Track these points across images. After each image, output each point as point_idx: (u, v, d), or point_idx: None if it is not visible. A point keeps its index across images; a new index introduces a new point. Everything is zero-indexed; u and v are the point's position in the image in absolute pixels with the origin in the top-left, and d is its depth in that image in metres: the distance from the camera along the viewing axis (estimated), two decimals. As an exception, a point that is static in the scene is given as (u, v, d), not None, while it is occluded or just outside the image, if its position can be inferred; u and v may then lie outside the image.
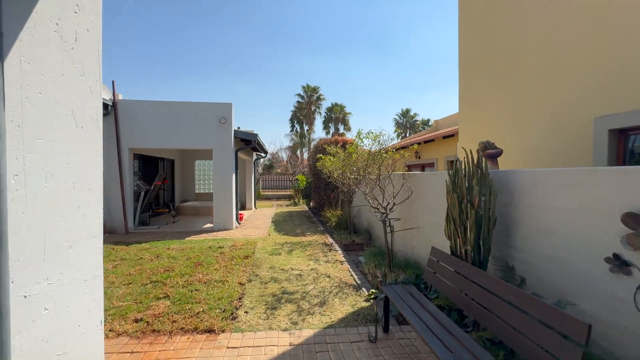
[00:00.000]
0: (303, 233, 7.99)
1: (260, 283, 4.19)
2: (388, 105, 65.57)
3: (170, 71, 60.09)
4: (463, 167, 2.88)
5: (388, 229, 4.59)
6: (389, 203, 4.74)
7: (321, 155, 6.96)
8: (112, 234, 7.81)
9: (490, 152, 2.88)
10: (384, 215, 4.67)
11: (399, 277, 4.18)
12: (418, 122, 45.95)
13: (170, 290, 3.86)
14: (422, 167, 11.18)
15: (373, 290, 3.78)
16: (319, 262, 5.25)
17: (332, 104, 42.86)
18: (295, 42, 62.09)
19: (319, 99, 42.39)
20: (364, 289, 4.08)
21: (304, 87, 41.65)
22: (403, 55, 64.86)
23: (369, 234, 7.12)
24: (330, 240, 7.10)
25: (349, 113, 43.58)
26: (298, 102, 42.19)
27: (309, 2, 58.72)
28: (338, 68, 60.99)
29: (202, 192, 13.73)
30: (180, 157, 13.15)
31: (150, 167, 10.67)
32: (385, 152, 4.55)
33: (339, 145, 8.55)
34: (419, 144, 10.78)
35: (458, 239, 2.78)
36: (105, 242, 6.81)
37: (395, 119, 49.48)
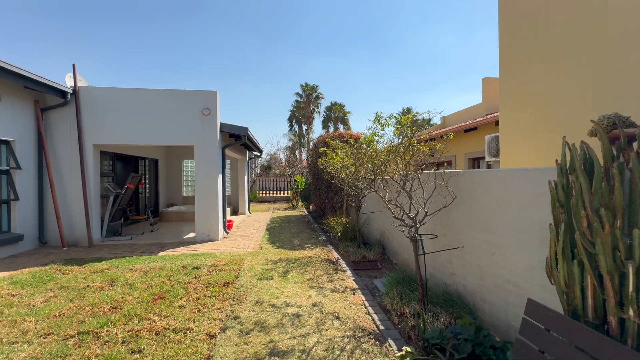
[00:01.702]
0: (302, 245, 6.68)
1: (240, 333, 2.88)
2: (387, 105, 64.36)
3: (165, 73, 58.66)
4: (578, 161, 1.61)
5: (419, 249, 3.30)
6: (417, 212, 3.45)
7: (325, 148, 5.64)
8: (73, 248, 6.49)
9: (630, 132, 1.61)
10: (413, 229, 3.39)
11: (436, 318, 2.90)
12: (419, 121, 44.82)
13: (99, 351, 2.54)
14: (437, 166, 9.89)
15: (408, 350, 2.47)
16: (323, 291, 3.95)
17: (331, 103, 41.68)
18: (293, 42, 60.83)
19: (318, 97, 41.20)
20: (390, 341, 2.78)
21: (302, 86, 40.46)
22: (402, 55, 63.71)
23: (381, 247, 5.82)
24: (335, 255, 5.80)
25: (349, 112, 42.39)
26: (296, 101, 40.98)
27: (306, 2, 57.47)
28: (337, 67, 59.75)
29: (189, 195, 12.40)
30: (166, 156, 11.83)
31: (129, 168, 9.35)
32: (418, 142, 3.25)
33: (344, 140, 7.24)
34: (439, 136, 9.49)
35: (591, 292, 1.49)
36: (57, 259, 5.50)
37: (396, 118, 48.33)
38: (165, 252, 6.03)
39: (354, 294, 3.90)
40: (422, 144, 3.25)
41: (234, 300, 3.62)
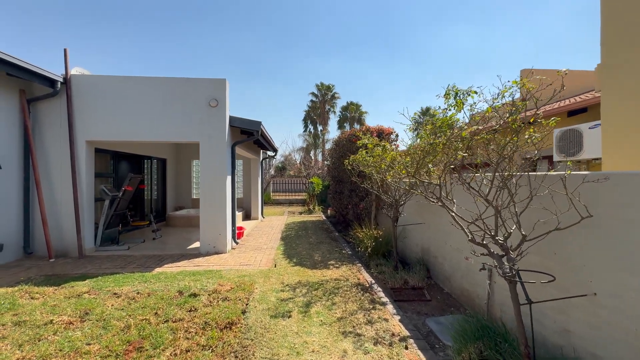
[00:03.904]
0: (324, 261, 5.56)
1: None
2: (404, 105, 62.43)
3: (177, 73, 59.10)
4: None
5: (516, 292, 2.11)
6: (508, 235, 2.26)
7: (364, 141, 4.41)
8: (61, 259, 5.63)
9: None
10: (505, 260, 2.22)
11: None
12: (427, 120, 43.08)
13: None
14: (477, 167, 8.55)
15: None
16: (362, 343, 2.81)
17: (347, 102, 40.56)
18: (308, 43, 60.03)
19: (333, 97, 40.20)
20: None
21: (317, 86, 39.57)
22: (418, 54, 61.69)
23: (426, 269, 4.62)
24: (366, 277, 4.66)
25: (365, 112, 41.15)
26: (312, 101, 40.11)
27: (321, 1, 56.49)
28: (352, 67, 58.43)
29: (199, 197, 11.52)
30: (175, 155, 11.02)
31: (133, 168, 8.53)
32: (523, 124, 2.03)
33: (374, 136, 6.07)
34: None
35: None
36: (37, 274, 4.65)
37: (415, 119, 46.59)
38: (162, 268, 5.06)
39: (406, 347, 2.75)
40: (531, 129, 2.05)
41: (236, 358, 2.53)
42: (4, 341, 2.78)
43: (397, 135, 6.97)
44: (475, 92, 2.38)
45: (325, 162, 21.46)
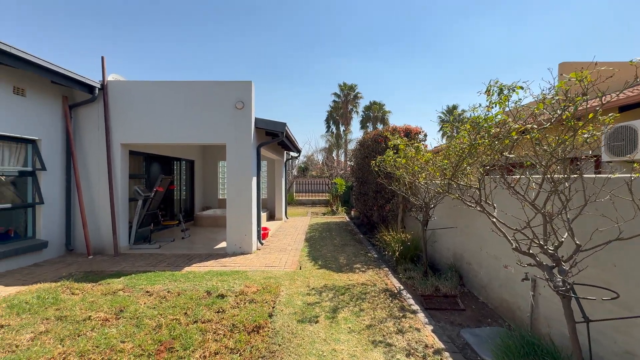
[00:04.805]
0: (350, 264, 5.44)
1: None
2: (428, 104, 60.63)
3: (199, 75, 61.14)
4: None
5: (570, 309, 1.90)
6: (559, 244, 2.04)
7: (395, 142, 4.24)
8: (99, 256, 5.94)
9: None
10: (556, 271, 2.01)
11: None
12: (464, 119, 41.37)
13: None
14: (522, 167, 8.05)
15: None
16: (392, 352, 2.68)
17: (370, 102, 40.07)
18: (331, 44, 59.95)
19: (356, 97, 39.85)
20: None
21: (340, 86, 39.39)
22: (443, 52, 59.67)
23: (458, 276, 4.38)
24: (394, 282, 4.49)
25: (389, 112, 40.46)
26: (334, 101, 40.00)
27: (345, 3, 56.17)
28: (375, 67, 57.68)
29: (225, 197, 11.79)
30: (202, 156, 11.34)
31: (164, 169, 8.87)
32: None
33: (401, 136, 5.87)
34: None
35: None
36: (77, 270, 4.92)
37: (440, 117, 45.14)
38: (191, 268, 5.18)
39: (439, 358, 2.58)
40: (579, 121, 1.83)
41: (265, 363, 2.50)
42: (48, 335, 2.92)
43: (425, 135, 6.72)
44: (521, 88, 2.18)
45: (349, 163, 21.28)
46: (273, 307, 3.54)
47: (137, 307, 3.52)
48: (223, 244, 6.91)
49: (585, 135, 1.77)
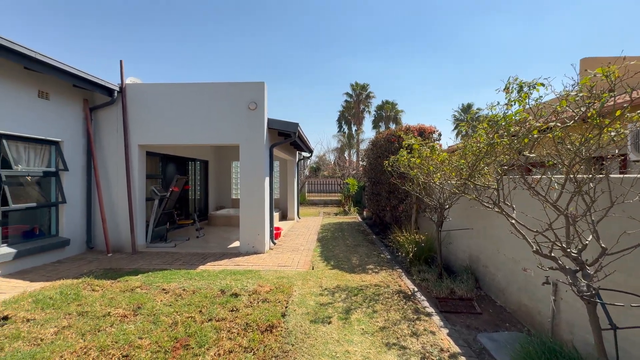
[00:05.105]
0: (362, 265, 5.40)
1: None
2: (442, 103, 59.62)
3: (209, 75, 62.11)
4: None
5: (595, 315, 1.81)
6: (583, 247, 1.95)
7: (410, 141, 4.16)
8: (117, 254, 6.12)
9: None
10: (580, 275, 1.92)
11: None
12: (481, 118, 40.39)
13: None
14: (529, 170, 7.80)
15: None
16: (406, 355, 2.64)
17: (382, 101, 39.76)
18: (342, 43, 59.78)
19: (368, 96, 39.60)
20: None
21: (352, 85, 39.23)
22: (456, 50, 58.46)
23: (474, 279, 4.27)
24: (408, 284, 4.42)
25: (402, 111, 40.04)
26: (346, 101, 39.88)
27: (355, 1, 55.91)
28: (388, 66, 57.18)
29: (238, 197, 11.93)
30: (216, 157, 11.52)
31: (179, 170, 9.06)
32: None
33: (415, 136, 5.79)
34: None
35: None
36: (97, 267, 5.08)
37: (455, 116, 44.28)
38: (205, 266, 5.26)
39: (457, 365, 2.52)
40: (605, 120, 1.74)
41: (278, 362, 2.51)
42: (70, 329, 3.03)
43: (440, 134, 6.60)
44: (542, 85, 2.10)
45: (361, 163, 21.14)
46: (286, 307, 3.55)
47: (153, 304, 3.61)
48: (236, 243, 7.00)
49: (612, 134, 1.69)
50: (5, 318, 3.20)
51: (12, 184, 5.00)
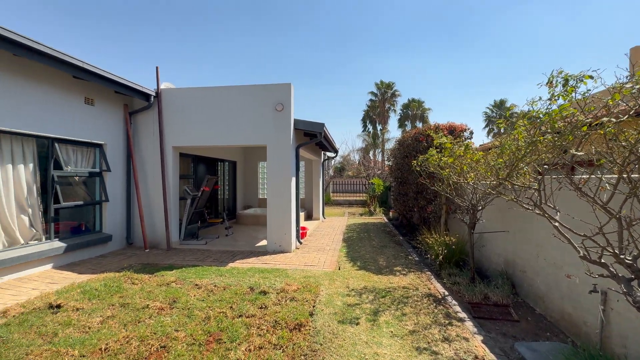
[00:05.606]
0: (390, 267, 5.31)
1: None
2: (472, 100, 57.11)
3: (235, 77, 63.74)
4: None
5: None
6: (637, 253, 1.78)
7: (441, 140, 4.02)
8: (154, 250, 6.48)
9: None
10: (636, 283, 1.75)
11: None
12: (516, 114, 38.19)
13: None
14: (573, 169, 7.26)
15: None
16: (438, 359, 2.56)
17: (408, 100, 38.88)
18: (367, 41, 59.17)
19: (394, 95, 38.83)
20: None
21: (377, 84, 38.68)
22: (487, 43, 55.68)
23: (511, 284, 4.05)
24: (438, 287, 4.28)
25: (429, 109, 38.94)
26: (371, 100, 39.37)
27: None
28: (414, 63, 55.78)
29: (265, 197, 12.20)
30: (243, 158, 11.85)
31: (209, 170, 9.42)
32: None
33: (445, 134, 5.59)
34: None
35: None
36: (136, 262, 5.40)
37: (486, 112, 42.28)
38: (235, 264, 5.43)
39: (494, 374, 2.40)
40: None
41: (307, 361, 2.52)
42: (114, 319, 3.25)
43: (471, 132, 6.32)
44: (591, 77, 1.95)
45: (386, 162, 20.79)
46: (313, 306, 3.57)
47: (187, 298, 3.78)
48: (263, 242, 7.15)
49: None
50: (59, 306, 3.50)
51: (62, 184, 5.46)
